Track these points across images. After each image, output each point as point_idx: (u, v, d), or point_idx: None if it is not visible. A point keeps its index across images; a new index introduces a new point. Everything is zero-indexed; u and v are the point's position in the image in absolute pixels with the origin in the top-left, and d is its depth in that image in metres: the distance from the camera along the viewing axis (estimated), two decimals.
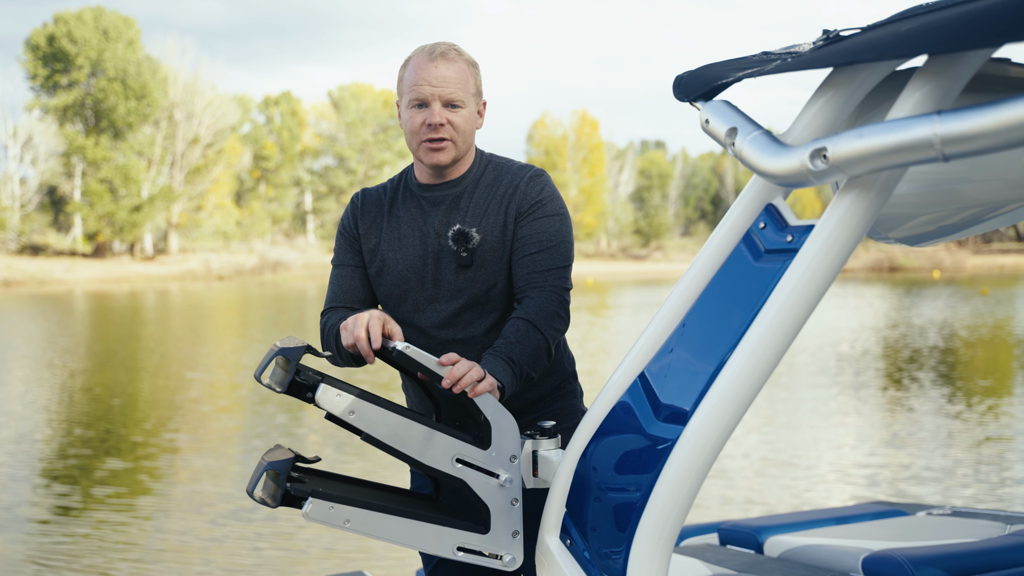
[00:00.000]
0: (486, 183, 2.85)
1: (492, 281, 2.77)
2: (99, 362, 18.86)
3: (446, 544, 2.29)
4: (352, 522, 2.21)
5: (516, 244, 2.76)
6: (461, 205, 2.82)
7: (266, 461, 2.18)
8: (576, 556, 2.21)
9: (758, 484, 8.80)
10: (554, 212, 2.80)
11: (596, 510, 2.15)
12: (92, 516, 8.15)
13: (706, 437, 1.92)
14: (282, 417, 12.47)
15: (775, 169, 1.82)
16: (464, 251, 2.75)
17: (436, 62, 2.73)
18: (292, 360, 2.19)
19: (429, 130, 2.73)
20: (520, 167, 2.87)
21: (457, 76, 2.74)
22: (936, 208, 2.15)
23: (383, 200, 2.93)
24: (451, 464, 2.28)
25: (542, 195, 2.80)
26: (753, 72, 1.94)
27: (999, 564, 2.71)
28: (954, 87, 1.73)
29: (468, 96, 2.77)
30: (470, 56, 2.82)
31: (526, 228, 2.76)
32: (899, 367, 16.26)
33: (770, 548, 3.14)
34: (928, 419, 11.50)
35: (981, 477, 8.79)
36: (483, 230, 2.77)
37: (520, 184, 2.81)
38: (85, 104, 68.70)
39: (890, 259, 61.55)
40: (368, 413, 2.24)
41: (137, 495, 8.86)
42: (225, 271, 61.99)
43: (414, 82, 2.74)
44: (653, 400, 2.10)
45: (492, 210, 2.79)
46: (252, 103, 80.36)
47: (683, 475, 1.94)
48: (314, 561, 6.83)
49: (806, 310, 1.87)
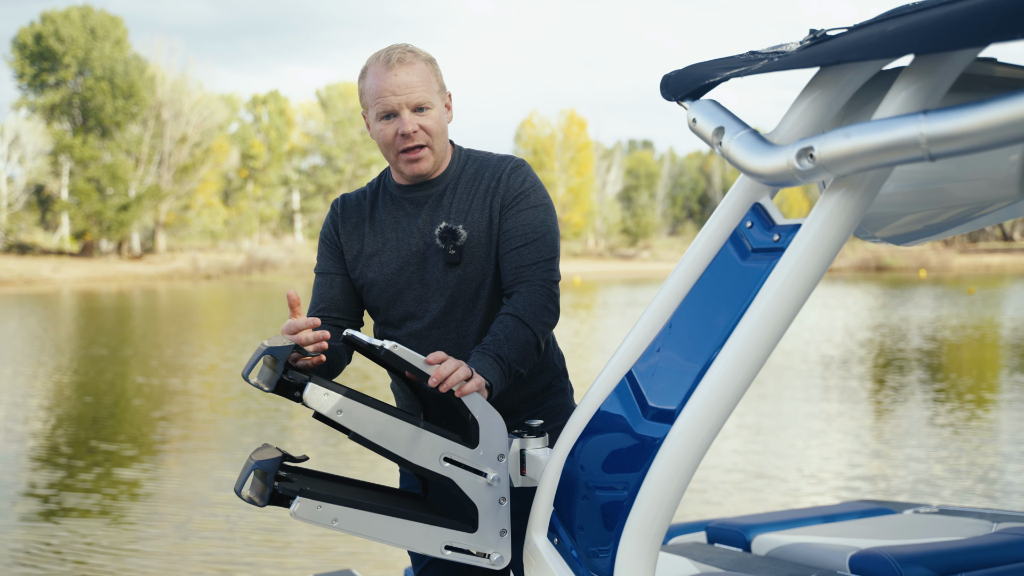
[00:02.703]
0: (467, 178, 2.83)
1: (481, 277, 2.77)
2: (57, 364, 18.78)
3: (434, 543, 2.30)
4: (340, 521, 2.21)
5: (502, 237, 2.75)
6: (444, 202, 2.81)
7: (254, 460, 2.18)
8: (564, 555, 2.22)
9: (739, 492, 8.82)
10: (538, 203, 2.79)
11: (584, 509, 2.16)
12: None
13: (693, 436, 1.93)
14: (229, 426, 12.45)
15: (762, 168, 1.82)
16: (452, 248, 2.74)
17: (394, 69, 2.69)
18: (280, 359, 2.19)
19: (403, 140, 2.71)
20: (500, 159, 2.86)
21: (419, 79, 2.71)
22: (922, 207, 2.15)
23: (363, 205, 2.92)
24: (439, 463, 2.28)
25: (524, 186, 2.79)
26: (740, 71, 1.95)
27: (985, 562, 2.73)
28: (940, 87, 1.74)
29: (433, 95, 2.74)
30: (425, 53, 2.79)
31: (511, 221, 2.75)
32: (885, 366, 16.32)
33: (758, 546, 3.14)
34: (917, 415, 11.55)
35: (970, 475, 8.83)
36: (469, 226, 2.76)
37: (502, 176, 2.79)
38: (72, 103, 68.51)
39: (877, 258, 61.82)
40: (356, 412, 2.23)
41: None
42: (213, 270, 61.85)
43: (378, 93, 2.71)
44: (640, 399, 2.10)
45: (476, 205, 2.78)
46: (240, 102, 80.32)
47: (670, 474, 1.95)
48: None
49: (793, 309, 1.87)
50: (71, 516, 8.11)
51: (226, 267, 62.73)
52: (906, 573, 2.64)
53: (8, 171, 66.73)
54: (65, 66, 67.49)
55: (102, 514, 8.15)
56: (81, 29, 67.29)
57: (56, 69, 67.84)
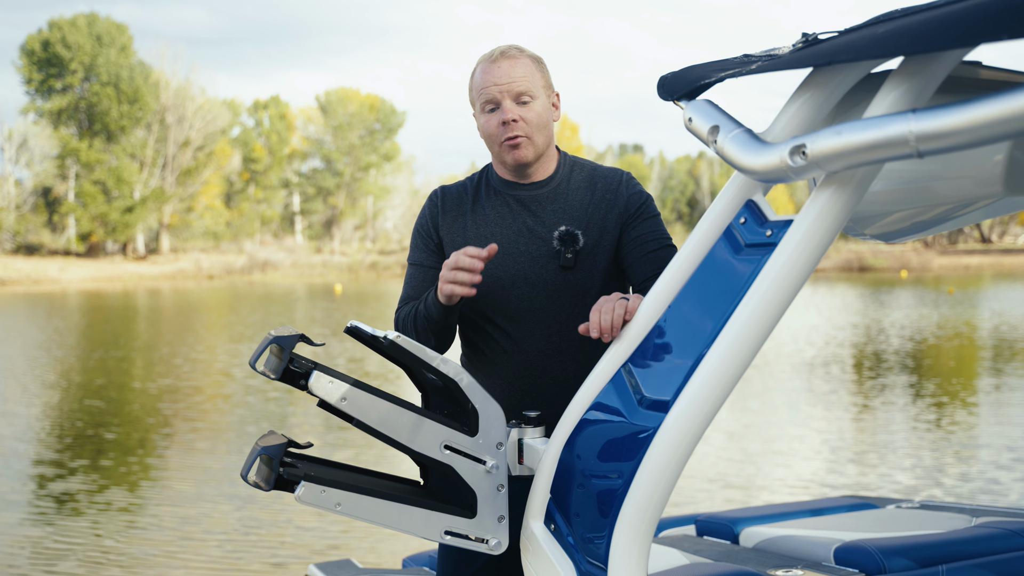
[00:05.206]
0: (578, 184, 2.85)
1: (589, 284, 2.77)
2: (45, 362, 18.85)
3: (434, 528, 2.34)
4: (343, 506, 2.25)
5: (633, 243, 2.78)
6: (557, 204, 2.81)
7: (260, 446, 2.22)
8: (560, 541, 2.25)
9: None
10: (656, 212, 2.86)
11: (580, 496, 2.19)
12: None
13: (686, 426, 1.96)
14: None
15: (756, 165, 1.87)
16: (569, 252, 2.75)
17: (498, 62, 2.73)
18: (286, 348, 2.23)
19: (505, 129, 2.73)
20: (611, 170, 2.89)
21: (523, 72, 2.73)
22: (910, 205, 2.20)
23: (465, 197, 2.91)
24: (439, 450, 2.33)
25: (643, 196, 2.85)
26: (735, 73, 1.99)
27: (964, 554, 2.78)
28: (928, 87, 1.77)
29: (537, 88, 2.76)
30: (533, 52, 2.81)
31: (639, 228, 2.79)
32: (871, 364, 16.33)
33: (745, 539, 3.19)
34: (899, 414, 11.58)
35: (951, 474, 8.86)
36: (586, 232, 2.78)
37: (620, 188, 2.83)
38: (79, 108, 68.75)
39: (860, 259, 62.12)
40: (359, 400, 2.28)
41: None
42: (215, 270, 61.99)
43: (482, 86, 2.74)
44: (635, 390, 2.14)
45: (593, 213, 2.80)
46: (242, 107, 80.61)
47: (664, 463, 1.97)
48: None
49: (784, 302, 1.91)
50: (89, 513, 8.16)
51: (228, 267, 62.87)
52: (889, 564, 2.69)
53: (16, 174, 67.28)
54: (72, 72, 67.76)
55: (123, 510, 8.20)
56: (87, 36, 67.53)
57: (63, 75, 68.15)
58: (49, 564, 6.88)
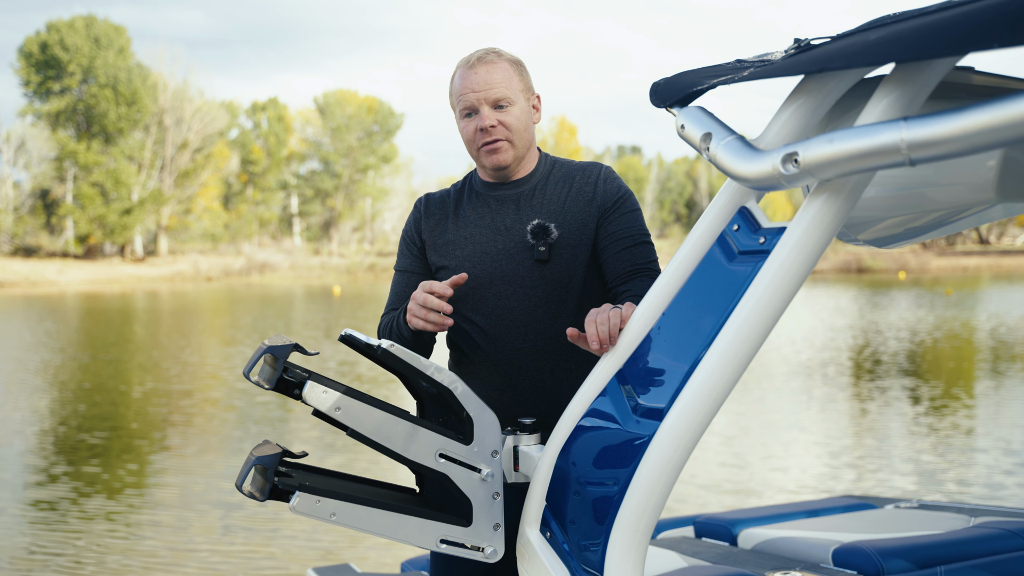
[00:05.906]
0: (557, 179, 2.85)
1: (567, 278, 2.76)
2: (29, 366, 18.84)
3: (430, 536, 2.34)
4: (338, 515, 2.25)
5: (609, 239, 2.76)
6: (535, 200, 2.82)
7: (254, 456, 2.22)
8: (556, 548, 2.25)
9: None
10: (635, 207, 2.84)
11: (575, 504, 2.19)
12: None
13: (681, 433, 1.96)
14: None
15: (748, 173, 1.86)
16: (543, 245, 2.74)
17: (475, 68, 2.74)
18: (280, 358, 2.22)
19: (483, 135, 2.74)
20: (589, 164, 2.89)
21: (500, 77, 2.74)
22: (903, 211, 2.20)
23: (447, 202, 2.93)
24: (434, 459, 2.32)
25: (622, 190, 2.83)
26: (727, 79, 1.99)
27: (963, 555, 2.78)
28: (920, 94, 1.77)
29: (515, 93, 2.76)
30: (511, 55, 2.81)
31: (616, 223, 2.78)
32: (868, 366, 16.34)
33: (744, 540, 3.19)
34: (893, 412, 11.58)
35: (949, 474, 8.86)
36: (561, 226, 2.77)
37: (598, 182, 2.82)
38: (77, 110, 68.81)
39: (858, 261, 62.29)
40: (353, 409, 2.27)
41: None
42: (213, 272, 62.03)
43: (460, 92, 2.75)
44: (630, 398, 2.14)
45: (571, 206, 2.79)
46: (239, 109, 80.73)
47: (659, 470, 1.98)
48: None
49: (778, 310, 1.91)
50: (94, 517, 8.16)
51: (226, 269, 62.93)
52: (887, 565, 2.69)
53: (14, 176, 67.34)
54: (70, 74, 67.83)
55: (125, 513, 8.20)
56: (85, 38, 67.60)
57: (61, 77, 68.24)
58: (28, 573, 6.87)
